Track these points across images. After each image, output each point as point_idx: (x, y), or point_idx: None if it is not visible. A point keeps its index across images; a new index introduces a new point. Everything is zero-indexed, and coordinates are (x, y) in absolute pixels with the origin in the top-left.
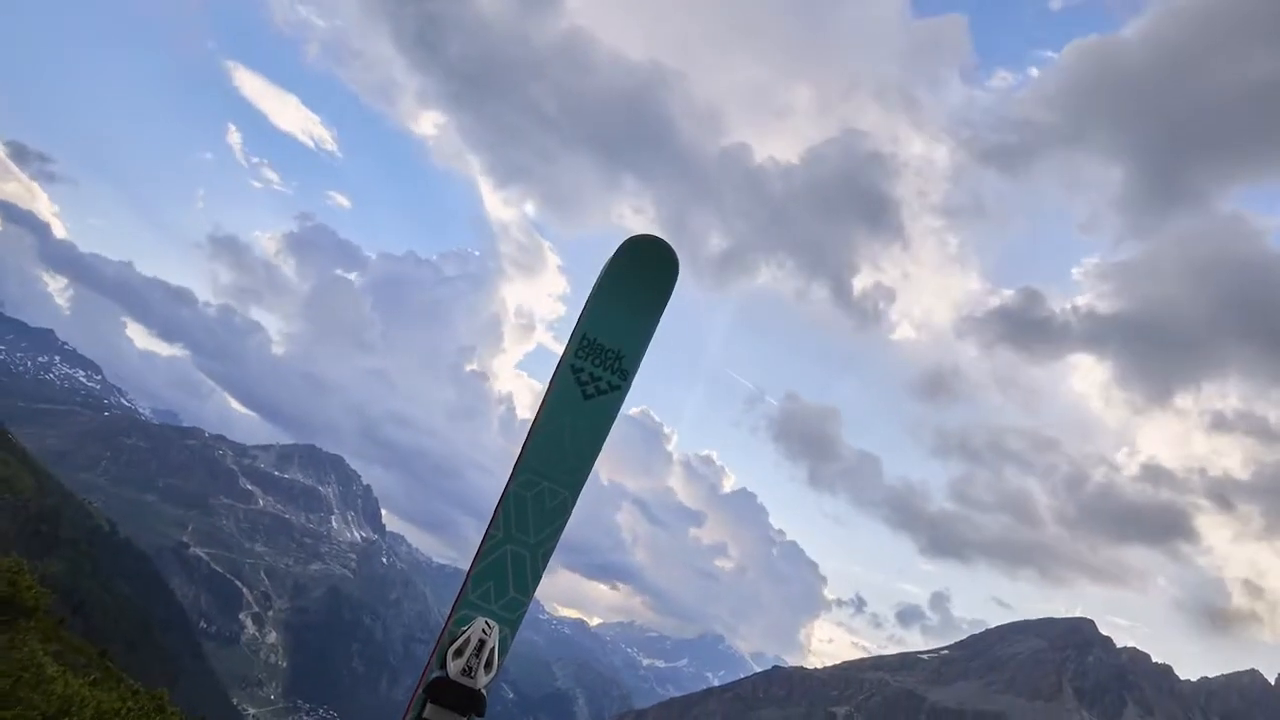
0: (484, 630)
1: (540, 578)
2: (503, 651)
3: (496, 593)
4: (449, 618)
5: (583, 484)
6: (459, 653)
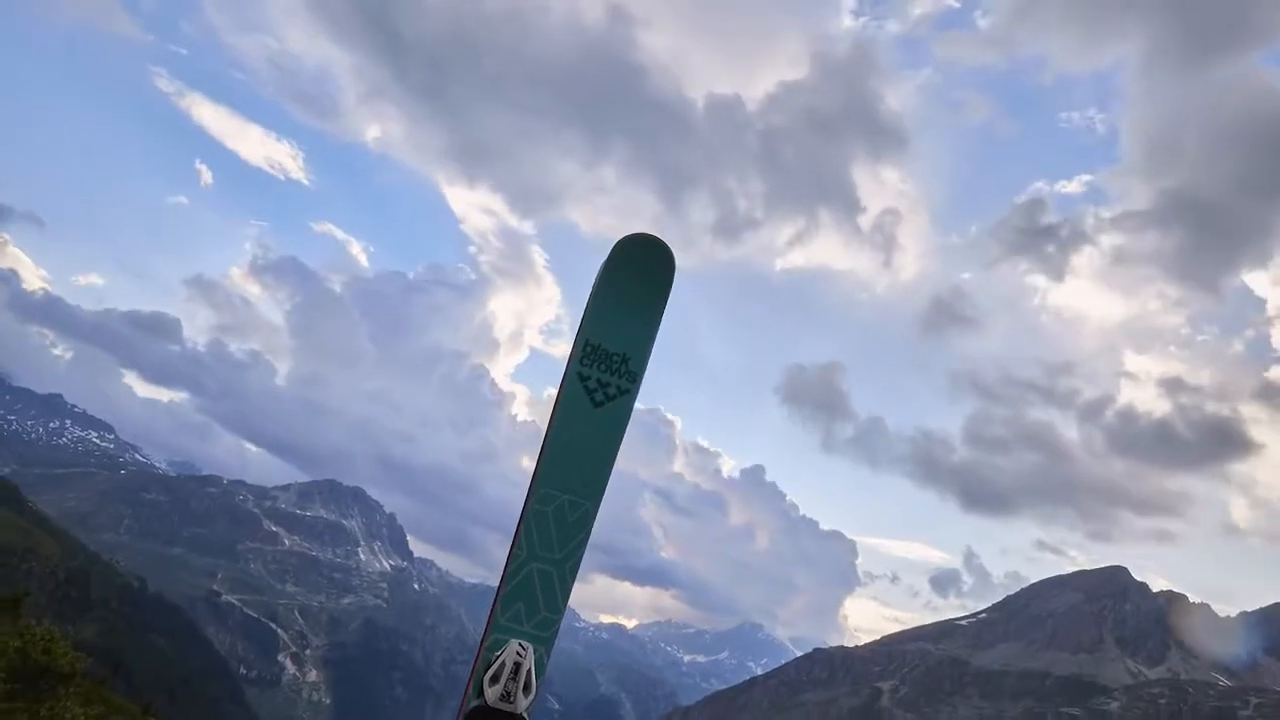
0: (518, 653)
1: (570, 593)
2: (539, 672)
3: (527, 613)
4: (481, 644)
5: (602, 493)
6: (495, 679)
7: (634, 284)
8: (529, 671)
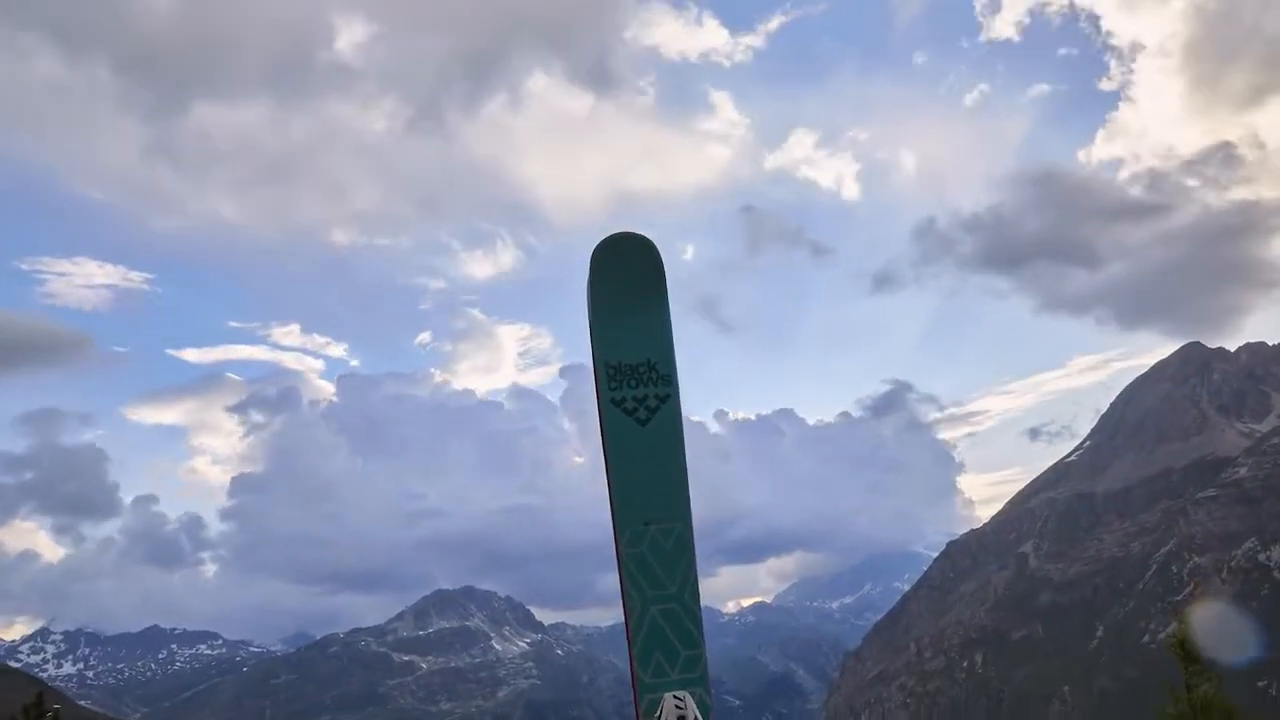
0: (677, 707)
1: (700, 618)
2: (705, 713)
3: (668, 661)
4: (636, 711)
5: (689, 506)
6: None
7: (624, 286)
8: (696, 718)
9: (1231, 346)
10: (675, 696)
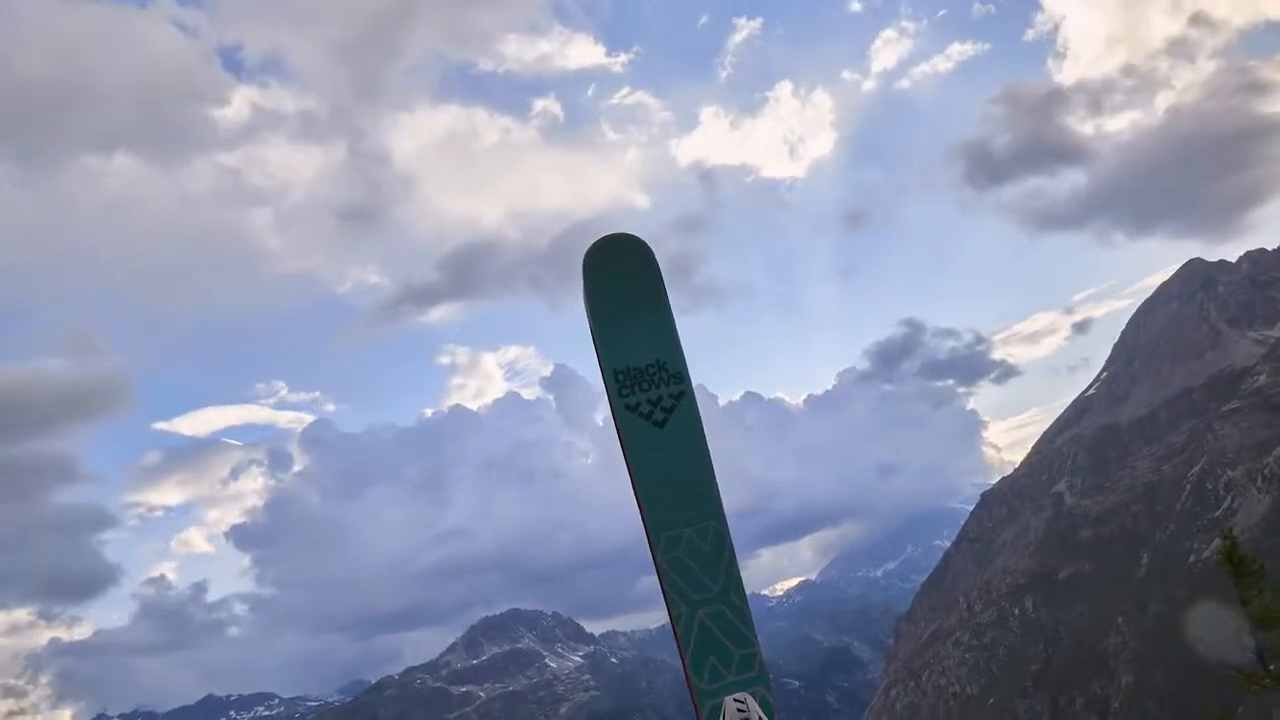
0: (739, 710)
1: (749, 614)
2: (769, 712)
3: (722, 664)
4: (697, 716)
5: (721, 504)
6: None
7: (621, 289)
8: (760, 719)
9: (1232, 257)
10: (736, 699)
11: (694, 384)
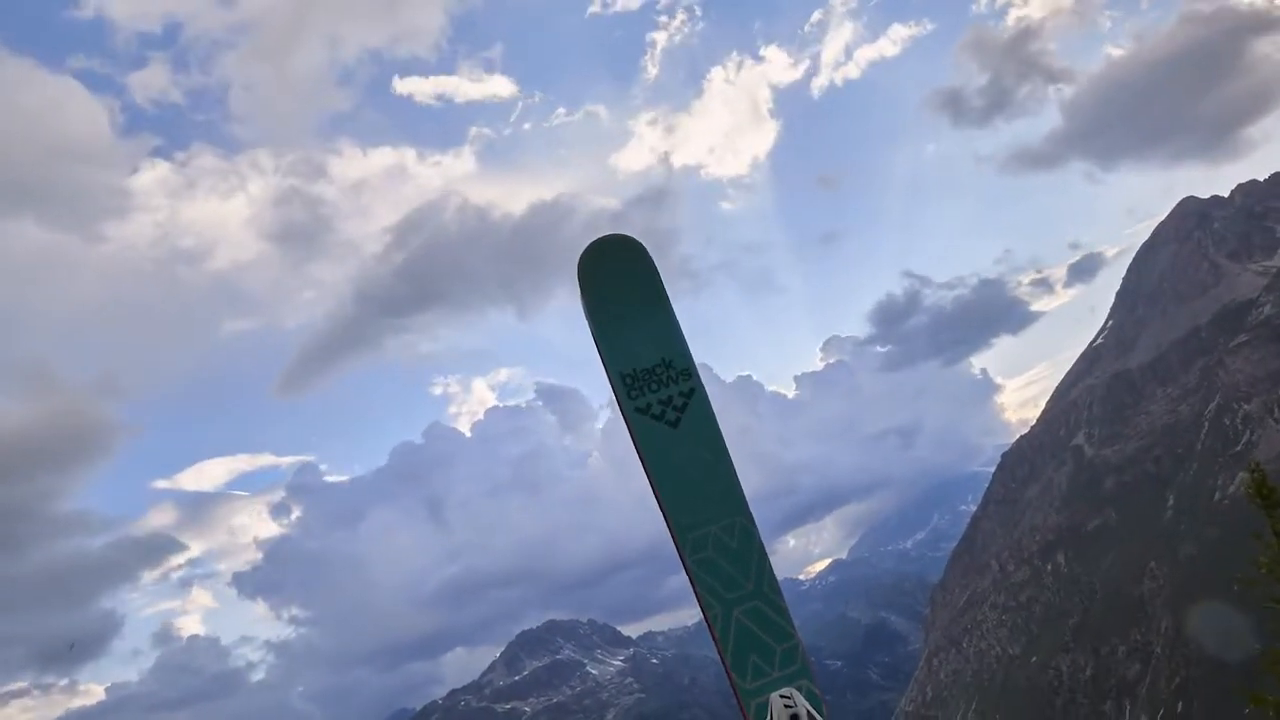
0: (787, 705)
1: (785, 607)
2: (816, 704)
3: (764, 661)
4: (743, 717)
5: (744, 499)
6: None
7: (619, 291)
8: (809, 713)
9: (1224, 192)
10: (782, 695)
11: (696, 364)
